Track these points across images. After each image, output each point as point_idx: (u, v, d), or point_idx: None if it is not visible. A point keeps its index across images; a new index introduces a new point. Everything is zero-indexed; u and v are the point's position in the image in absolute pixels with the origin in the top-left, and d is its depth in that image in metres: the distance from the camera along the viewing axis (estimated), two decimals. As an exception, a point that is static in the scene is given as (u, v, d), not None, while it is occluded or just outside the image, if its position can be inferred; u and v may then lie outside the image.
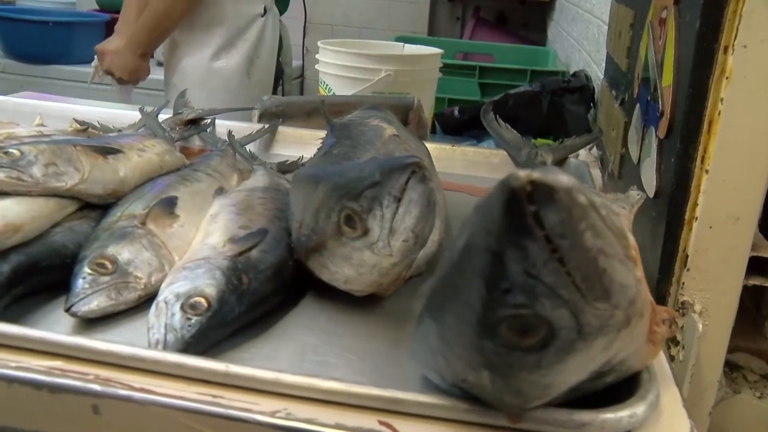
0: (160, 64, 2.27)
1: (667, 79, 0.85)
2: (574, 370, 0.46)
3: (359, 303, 0.73)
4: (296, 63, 3.51)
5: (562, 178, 0.37)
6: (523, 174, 0.37)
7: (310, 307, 0.74)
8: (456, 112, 1.96)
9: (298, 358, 0.64)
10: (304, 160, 1.15)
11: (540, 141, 1.56)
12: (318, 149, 0.93)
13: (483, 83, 2.15)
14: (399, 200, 0.62)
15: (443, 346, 0.47)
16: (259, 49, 1.99)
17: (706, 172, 0.71)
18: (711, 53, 0.68)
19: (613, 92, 1.48)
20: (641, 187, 0.97)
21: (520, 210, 0.37)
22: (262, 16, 1.98)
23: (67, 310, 0.65)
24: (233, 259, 0.68)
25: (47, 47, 2.77)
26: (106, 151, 0.82)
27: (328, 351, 0.66)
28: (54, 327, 0.66)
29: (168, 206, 0.78)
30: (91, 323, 0.67)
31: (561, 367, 0.45)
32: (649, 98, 0.98)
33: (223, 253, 0.70)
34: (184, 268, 0.68)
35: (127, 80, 1.89)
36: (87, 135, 1.06)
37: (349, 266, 0.69)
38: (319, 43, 1.82)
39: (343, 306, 0.74)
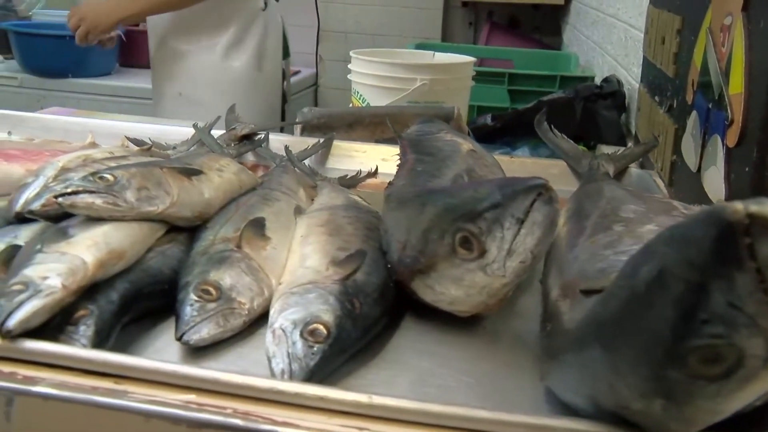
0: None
1: (737, 86, 0.84)
2: (747, 398, 0.45)
3: (460, 323, 0.72)
4: (310, 71, 3.50)
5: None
6: (740, 207, 0.36)
7: (412, 329, 0.73)
8: (488, 120, 1.95)
9: (419, 384, 0.63)
10: (362, 175, 1.15)
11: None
12: (399, 166, 0.91)
13: (512, 90, 2.14)
14: (522, 222, 0.61)
15: (612, 374, 0.46)
16: (266, 42, 2.00)
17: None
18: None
19: (656, 98, 1.48)
20: (701, 195, 0.97)
21: (734, 243, 0.36)
22: (263, 10, 2.00)
23: (179, 339, 0.64)
24: (342, 282, 0.67)
25: (64, 61, 2.75)
26: (190, 173, 0.81)
27: (445, 375, 0.65)
28: (160, 354, 0.65)
29: (259, 228, 0.77)
30: (198, 351, 0.65)
31: (739, 395, 0.44)
32: (710, 105, 0.98)
33: (329, 276, 0.68)
34: (293, 293, 0.67)
35: (90, 39, 1.86)
36: (150, 154, 1.05)
37: (458, 287, 0.68)
38: (351, 53, 1.81)
39: (444, 327, 0.73)
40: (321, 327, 0.61)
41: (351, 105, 1.88)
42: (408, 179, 0.84)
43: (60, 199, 0.70)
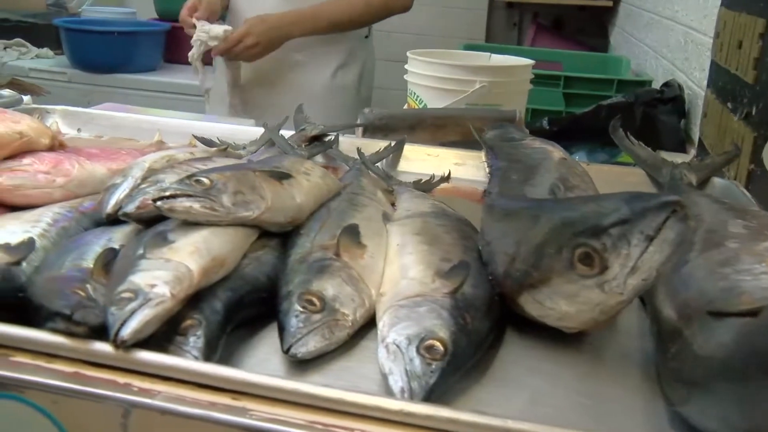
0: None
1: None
2: None
3: (564, 339, 0.70)
4: (353, 70, 3.48)
5: None
6: None
7: (516, 344, 0.70)
8: (545, 124, 1.91)
9: (534, 404, 0.61)
10: (436, 179, 1.12)
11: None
12: (490, 173, 0.89)
13: (566, 93, 2.10)
14: (651, 239, 0.58)
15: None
16: (365, 67, 2.04)
17: None
18: None
19: (728, 105, 1.44)
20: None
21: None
22: (366, 37, 2.06)
23: (286, 352, 0.62)
24: (452, 296, 0.65)
25: (112, 57, 2.76)
26: (281, 176, 0.79)
27: (559, 395, 0.62)
28: (263, 366, 0.63)
29: (355, 235, 0.74)
30: (302, 363, 0.63)
31: None
32: (802, 114, 0.94)
33: (437, 289, 0.66)
34: (401, 306, 0.64)
35: (252, 58, 1.77)
36: (225, 155, 1.03)
37: (570, 304, 0.65)
38: (408, 54, 1.79)
39: (549, 342, 0.70)
40: (438, 344, 0.59)
41: (406, 106, 1.85)
42: (503, 188, 0.81)
43: (158, 203, 0.68)
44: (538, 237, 0.65)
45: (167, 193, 0.69)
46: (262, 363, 0.64)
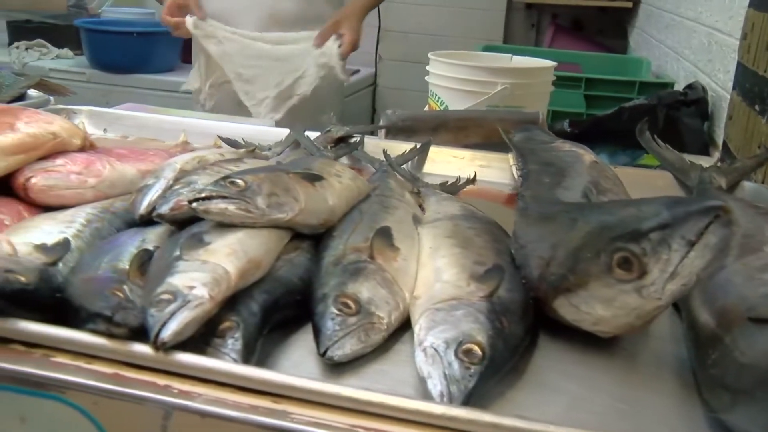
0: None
1: None
2: None
3: (598, 343, 0.69)
4: (369, 70, 3.49)
5: None
6: None
7: (549, 349, 0.70)
8: (566, 126, 1.90)
9: (572, 409, 0.61)
10: (462, 181, 1.12)
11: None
12: (521, 177, 0.88)
13: (587, 95, 2.09)
14: (693, 244, 0.58)
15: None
16: None
17: None
18: None
19: (756, 107, 1.43)
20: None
21: None
22: None
23: (323, 355, 0.61)
24: (488, 300, 0.65)
25: (130, 57, 2.78)
26: (313, 178, 0.79)
27: (597, 400, 0.62)
28: (298, 368, 0.63)
29: (387, 238, 0.74)
30: (338, 366, 0.63)
31: None
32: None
33: (473, 293, 0.66)
34: (438, 310, 0.64)
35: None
36: (254, 155, 1.03)
37: (607, 308, 0.65)
38: (430, 55, 1.78)
39: (583, 346, 0.70)
40: (476, 348, 0.59)
41: (427, 107, 1.85)
42: (536, 191, 0.81)
43: (194, 205, 0.68)
44: (576, 241, 0.65)
45: (202, 195, 0.69)
46: (297, 365, 0.64)
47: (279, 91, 1.78)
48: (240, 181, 0.71)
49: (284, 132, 1.20)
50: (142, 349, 0.56)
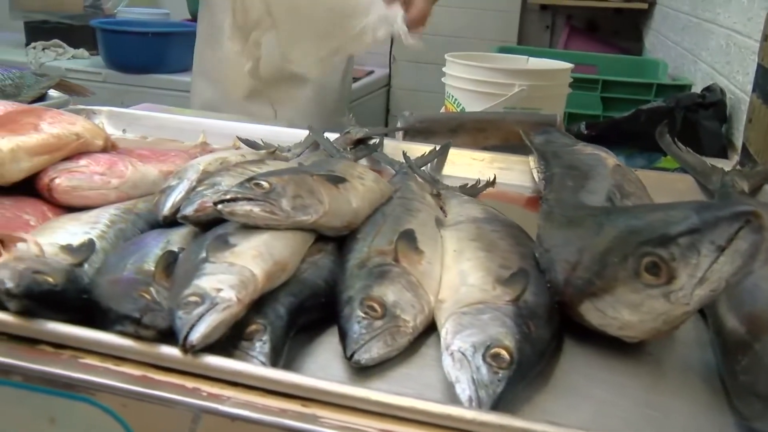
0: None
1: None
2: None
3: (623, 348, 0.69)
4: (383, 71, 3.48)
5: None
6: None
7: (575, 353, 0.69)
8: (582, 128, 1.90)
9: (601, 415, 0.60)
10: (482, 184, 1.11)
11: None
12: (544, 180, 0.88)
13: (604, 97, 2.08)
14: (723, 249, 0.57)
15: None
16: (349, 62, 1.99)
17: None
18: None
19: (777, 110, 1.41)
20: None
21: None
22: None
23: (350, 358, 0.61)
24: (515, 304, 0.64)
25: (146, 57, 2.79)
26: (337, 180, 0.79)
27: (626, 406, 0.61)
28: (325, 371, 0.63)
29: (412, 241, 0.74)
30: (364, 370, 0.63)
31: None
32: None
33: (499, 297, 0.65)
34: (464, 314, 0.64)
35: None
36: (274, 157, 1.03)
37: (633, 313, 0.64)
38: (447, 56, 1.78)
39: (608, 351, 0.69)
40: (504, 352, 0.58)
41: (443, 108, 1.84)
42: (560, 194, 0.80)
43: (219, 206, 0.68)
44: (603, 245, 0.64)
45: (228, 197, 0.69)
46: (322, 369, 0.63)
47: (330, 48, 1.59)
48: (265, 183, 0.71)
49: (302, 133, 1.20)
50: (170, 351, 0.56)
